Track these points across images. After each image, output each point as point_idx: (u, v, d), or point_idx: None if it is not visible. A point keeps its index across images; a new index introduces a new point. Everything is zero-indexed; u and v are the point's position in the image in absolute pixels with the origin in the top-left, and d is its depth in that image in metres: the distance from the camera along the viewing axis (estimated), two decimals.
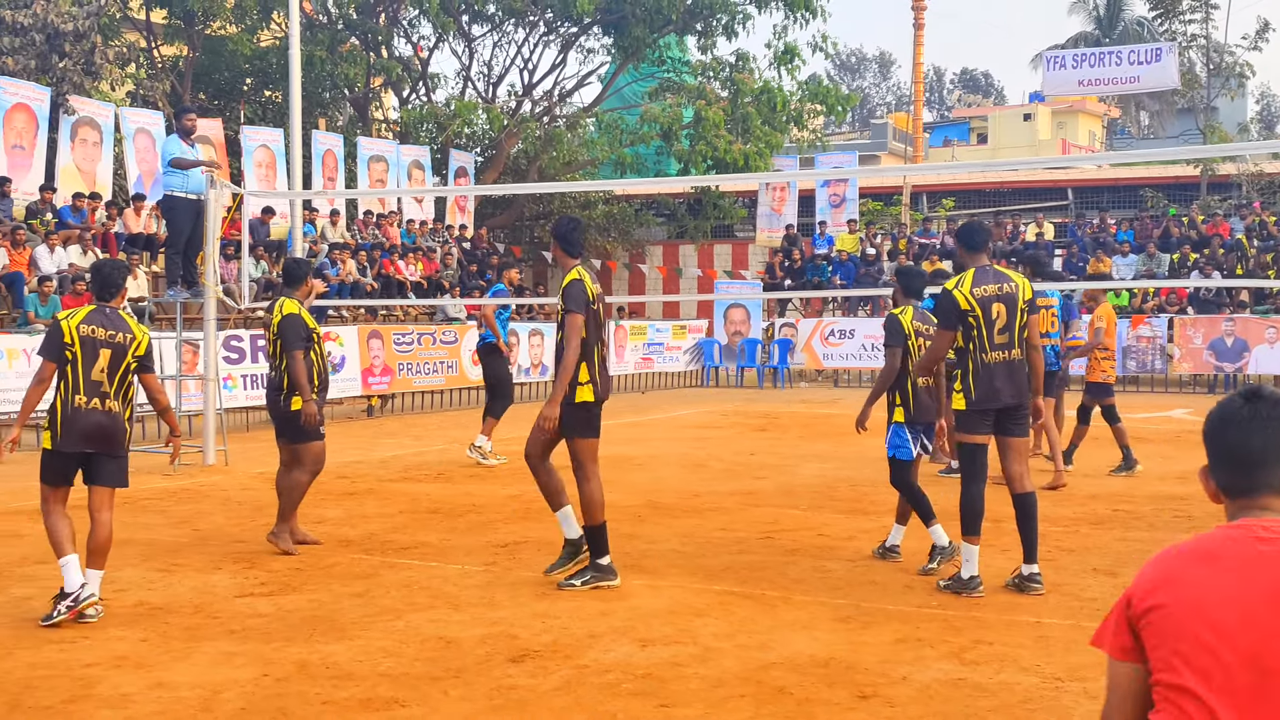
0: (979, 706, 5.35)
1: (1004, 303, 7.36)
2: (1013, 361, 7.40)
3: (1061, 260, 28.06)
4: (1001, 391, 7.35)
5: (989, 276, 7.45)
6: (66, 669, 5.94)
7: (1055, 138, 60.51)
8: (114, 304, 7.16)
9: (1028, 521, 7.54)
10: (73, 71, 21.49)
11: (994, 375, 7.36)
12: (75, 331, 6.95)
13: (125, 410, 7.06)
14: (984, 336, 7.34)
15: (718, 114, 31.38)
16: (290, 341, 8.83)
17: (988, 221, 30.23)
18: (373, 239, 25.48)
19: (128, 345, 7.02)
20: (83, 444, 6.94)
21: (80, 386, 6.91)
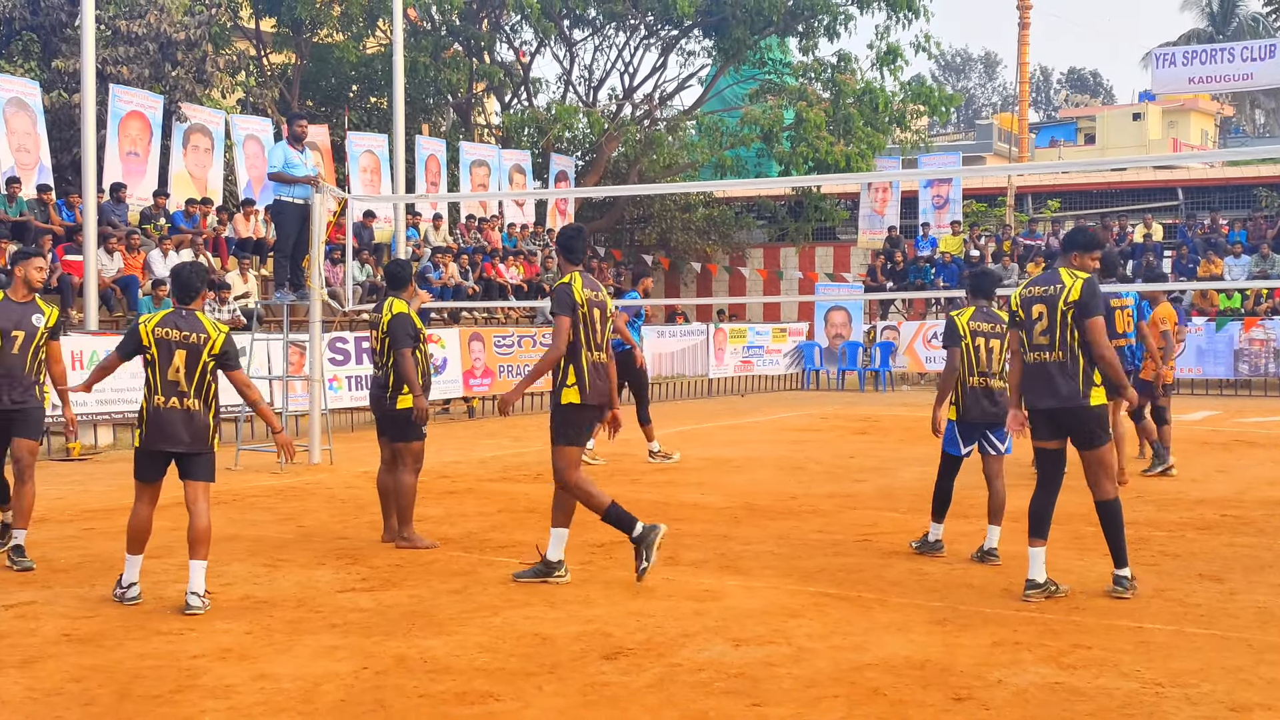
0: (1076, 711, 5.28)
1: (1045, 304, 7.29)
2: (1048, 363, 7.26)
3: (1171, 261, 27.51)
4: (1036, 393, 7.32)
5: (1042, 279, 7.46)
6: (174, 660, 6.10)
7: (1166, 137, 59.28)
8: (193, 306, 7.36)
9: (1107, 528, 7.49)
10: (185, 79, 22.03)
11: (1031, 376, 7.38)
12: (151, 334, 7.20)
13: (207, 409, 7.23)
14: (1025, 337, 7.39)
15: (819, 115, 31.23)
16: (400, 339, 8.98)
17: (1093, 224, 29.73)
18: (474, 243, 25.77)
19: (202, 345, 7.18)
20: (163, 442, 7.18)
21: (159, 387, 7.15)
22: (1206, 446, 15.46)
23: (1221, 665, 5.93)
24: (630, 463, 14.06)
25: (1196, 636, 6.45)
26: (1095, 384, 7.22)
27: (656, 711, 5.34)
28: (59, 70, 21.24)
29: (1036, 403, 7.33)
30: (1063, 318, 7.19)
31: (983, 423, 8.47)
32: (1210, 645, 6.28)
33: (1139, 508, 10.65)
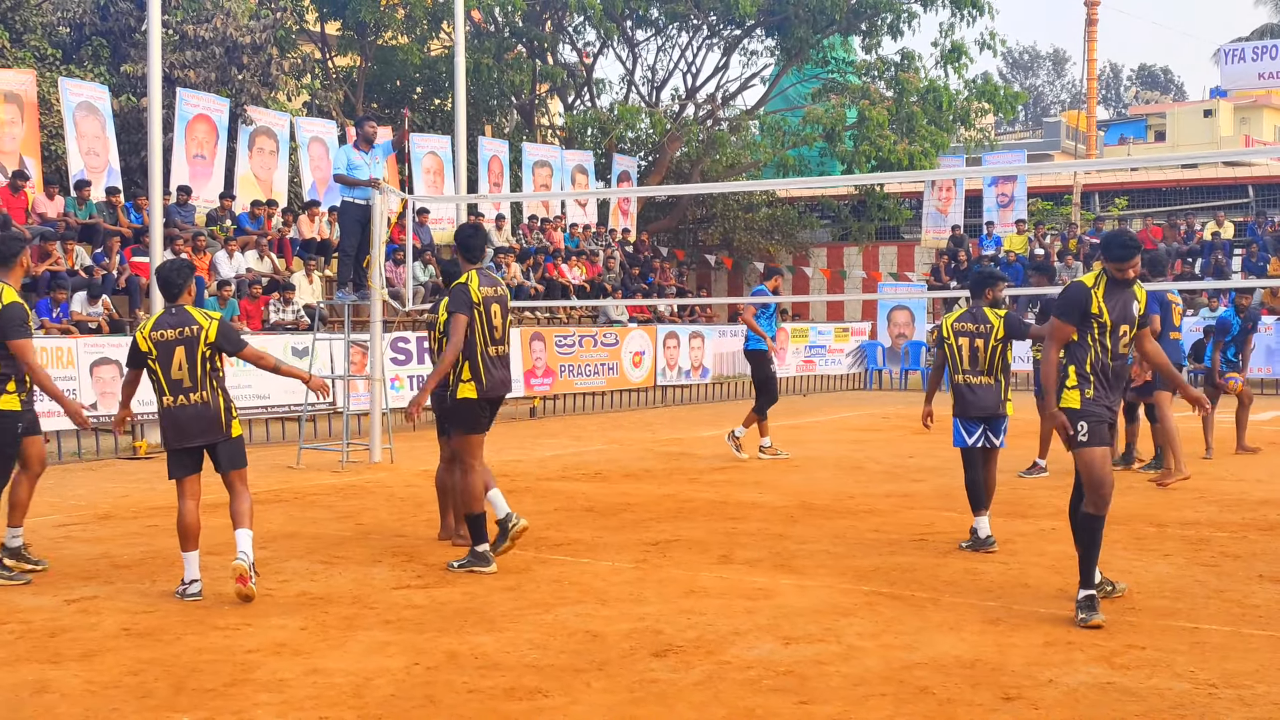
0: (1127, 711, 5.24)
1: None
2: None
3: (1240, 259, 27.08)
4: None
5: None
6: (229, 654, 6.20)
7: (1237, 134, 58.29)
8: (181, 301, 7.45)
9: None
10: (250, 83, 22.33)
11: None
12: (148, 338, 7.34)
13: (216, 396, 7.38)
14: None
15: (882, 114, 31.04)
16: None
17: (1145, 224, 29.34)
18: (537, 243, 25.89)
19: (197, 336, 7.30)
20: (183, 440, 7.39)
21: (165, 388, 7.33)
22: (1275, 447, 15.21)
23: (1278, 667, 5.85)
24: (689, 461, 14.07)
25: (1254, 638, 6.37)
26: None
27: (703, 709, 5.36)
28: (128, 74, 21.60)
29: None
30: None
31: (978, 416, 8.81)
32: (1268, 647, 6.20)
33: (1201, 508, 10.52)
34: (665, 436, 17.06)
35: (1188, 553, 8.61)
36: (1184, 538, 9.18)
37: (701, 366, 24.06)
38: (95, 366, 14.65)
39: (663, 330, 23.16)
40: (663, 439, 16.71)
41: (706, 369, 24.25)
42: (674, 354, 23.37)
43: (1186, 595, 7.33)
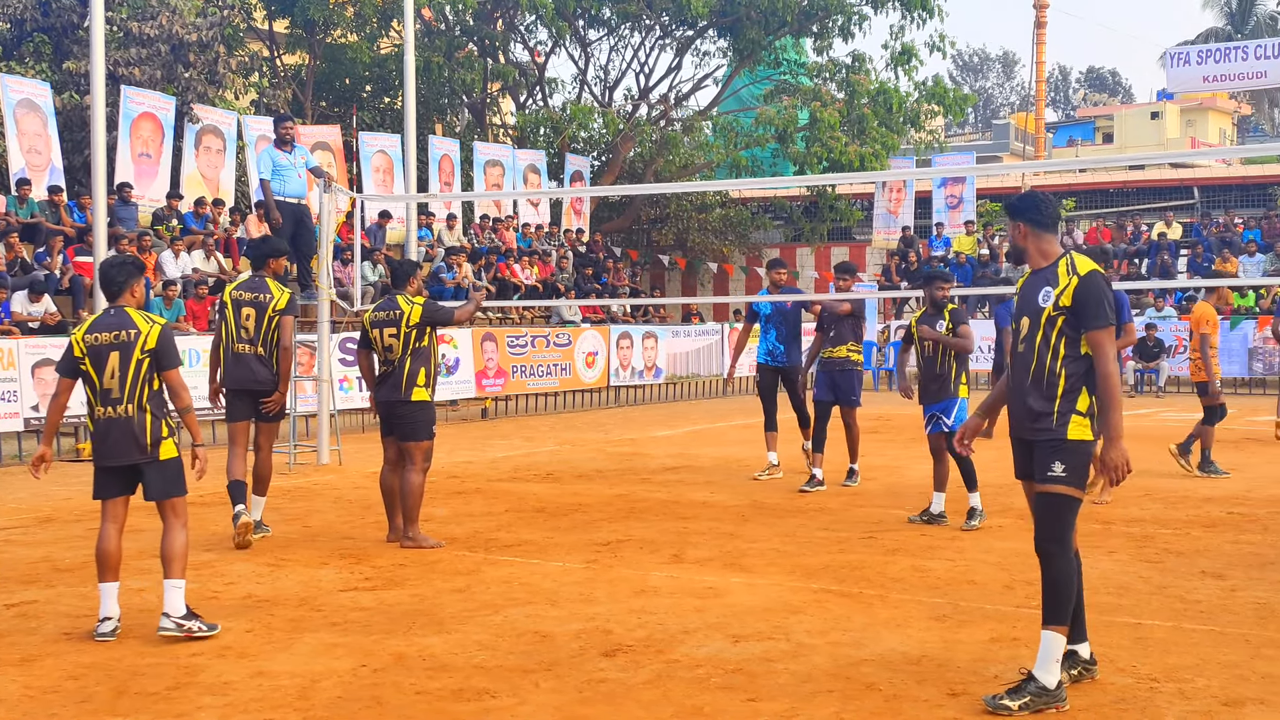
0: (1071, 706, 5.27)
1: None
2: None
3: (1186, 260, 27.42)
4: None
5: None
6: (172, 657, 6.13)
7: (1184, 136, 59.07)
8: (122, 302, 6.71)
9: None
10: (197, 81, 22.14)
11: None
12: (82, 343, 6.58)
13: (144, 412, 6.56)
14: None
15: (833, 116, 31.19)
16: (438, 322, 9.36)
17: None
18: (489, 243, 25.81)
19: (133, 342, 6.53)
20: (105, 456, 6.62)
21: (95, 397, 6.58)
22: (1218, 445, 15.36)
23: (1218, 661, 5.91)
24: (641, 462, 14.07)
25: (1194, 633, 6.43)
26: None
27: (652, 707, 5.35)
28: (70, 72, 21.36)
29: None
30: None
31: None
32: (1208, 641, 6.26)
33: (1147, 505, 10.64)
34: (618, 437, 17.05)
35: (1132, 549, 8.70)
36: (1129, 535, 9.27)
37: (655, 367, 24.08)
38: (37, 368, 14.45)
39: (616, 330, 23.16)
40: (615, 439, 16.70)
41: (660, 369, 24.28)
42: (627, 354, 23.37)
43: (1130, 591, 7.40)
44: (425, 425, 9.11)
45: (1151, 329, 24.32)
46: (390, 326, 9.06)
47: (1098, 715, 5.16)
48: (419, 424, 9.08)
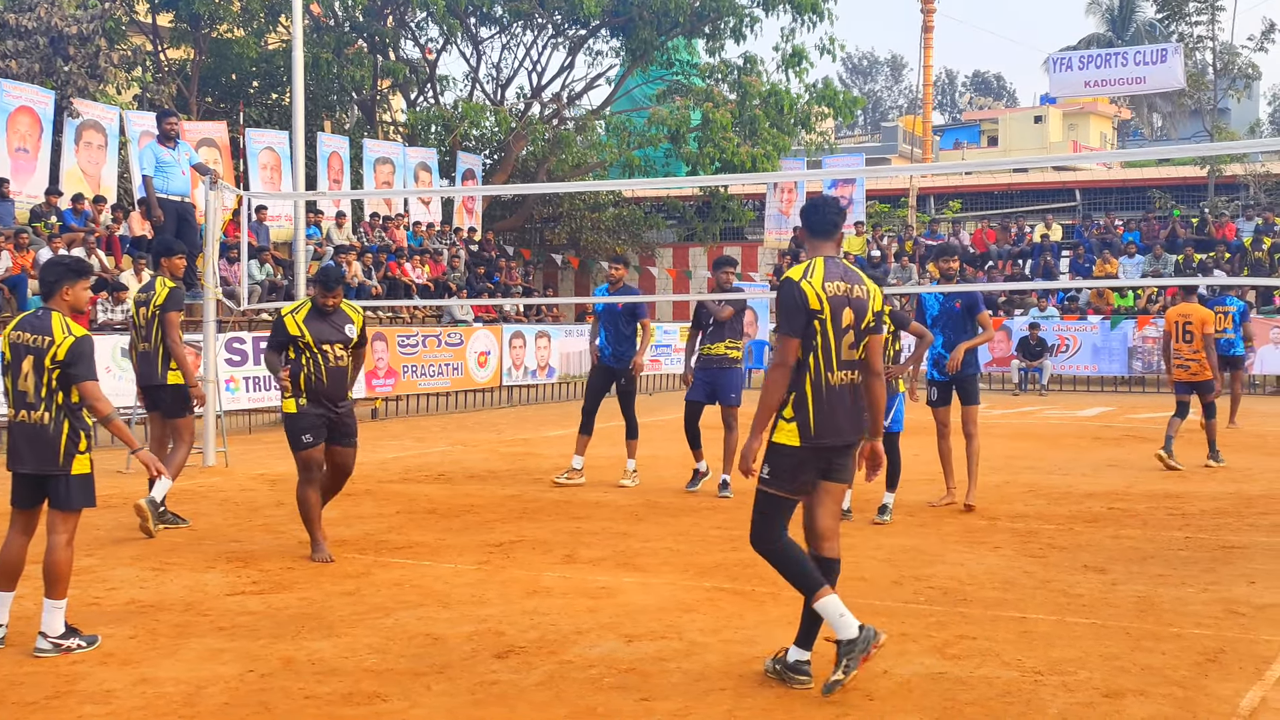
0: (957, 700, 5.36)
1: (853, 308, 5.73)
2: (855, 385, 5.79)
3: (1068, 261, 28.05)
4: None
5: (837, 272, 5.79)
6: (52, 666, 5.98)
7: (1066, 139, 60.43)
8: (53, 305, 6.52)
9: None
10: (77, 75, 21.57)
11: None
12: (7, 339, 6.43)
13: (59, 423, 6.31)
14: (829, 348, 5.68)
15: (725, 116, 31.40)
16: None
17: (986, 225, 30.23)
18: (379, 241, 25.54)
19: (45, 349, 6.29)
20: (18, 462, 6.37)
21: (10, 398, 6.39)
22: (1099, 441, 15.78)
23: (1099, 653, 6.06)
24: (534, 462, 14.03)
25: (1077, 626, 6.58)
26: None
27: (545, 708, 5.34)
28: None
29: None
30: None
31: None
32: (1090, 634, 6.41)
33: (1031, 501, 10.86)
34: (511, 437, 16.98)
35: (1016, 544, 8.87)
36: (1013, 530, 9.46)
37: (548, 366, 24.02)
38: None
39: (508, 330, 23.07)
40: (508, 439, 16.63)
41: (553, 369, 24.23)
42: (520, 354, 23.28)
43: (1015, 586, 7.55)
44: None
45: (1034, 328, 24.83)
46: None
47: (984, 710, 5.25)
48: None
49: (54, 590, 6.31)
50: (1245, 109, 51.28)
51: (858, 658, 5.41)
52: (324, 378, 8.47)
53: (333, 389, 8.54)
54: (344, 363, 8.58)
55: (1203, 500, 10.88)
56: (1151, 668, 5.80)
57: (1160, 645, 6.17)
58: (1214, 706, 5.24)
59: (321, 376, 8.47)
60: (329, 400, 8.55)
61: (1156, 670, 5.76)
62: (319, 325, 8.53)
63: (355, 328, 8.68)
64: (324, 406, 8.53)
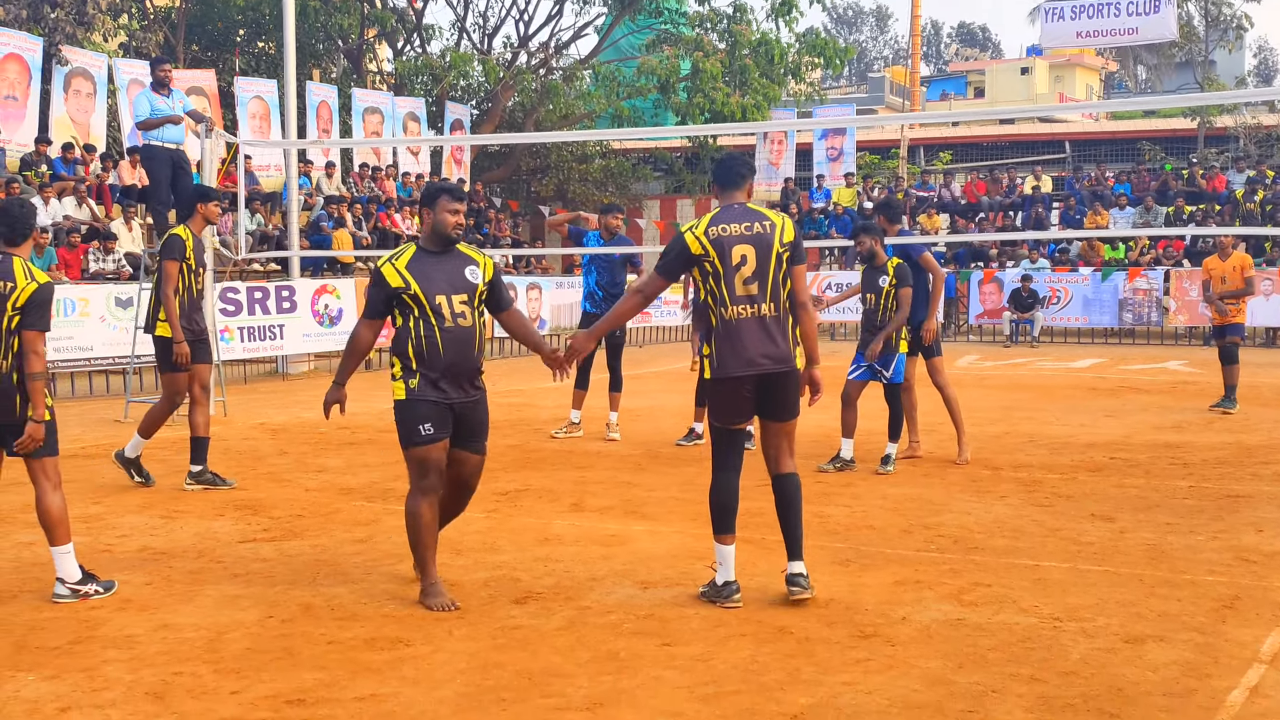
0: (979, 646, 5.40)
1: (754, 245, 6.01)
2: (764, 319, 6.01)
3: (1059, 213, 28.04)
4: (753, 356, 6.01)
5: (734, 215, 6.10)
6: (72, 611, 5.97)
7: (1052, 92, 60.31)
8: (18, 249, 6.28)
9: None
10: (65, 21, 21.32)
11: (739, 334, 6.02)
12: None
13: (20, 372, 6.13)
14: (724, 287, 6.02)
15: (715, 66, 31.21)
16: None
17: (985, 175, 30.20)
18: (369, 192, 25.40)
19: (7, 295, 6.09)
20: None
21: None
22: (1094, 392, 15.83)
23: (1116, 600, 6.10)
24: (532, 413, 14.02)
25: (1091, 573, 6.62)
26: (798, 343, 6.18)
27: (568, 653, 5.35)
28: None
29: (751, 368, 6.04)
30: (779, 262, 6.04)
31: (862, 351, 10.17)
32: (1104, 581, 6.45)
33: (1032, 452, 10.90)
34: (506, 388, 16.94)
35: (1022, 494, 8.92)
36: (1018, 479, 9.50)
37: (539, 318, 23.97)
38: None
39: None
40: (504, 390, 16.59)
41: (544, 320, 24.18)
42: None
43: (1025, 534, 7.59)
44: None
45: (1026, 280, 24.86)
46: None
47: (1006, 655, 5.29)
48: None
49: (54, 537, 6.28)
50: (1232, 62, 51.19)
51: (714, 598, 6.09)
52: (440, 345, 6.13)
53: (456, 360, 6.17)
54: (468, 321, 6.19)
55: (1203, 450, 10.93)
56: (1169, 614, 5.85)
57: (1176, 592, 6.22)
58: (1235, 651, 5.29)
59: (437, 344, 6.13)
60: (452, 378, 6.21)
61: (1174, 616, 5.81)
62: (429, 272, 6.22)
63: (481, 270, 6.32)
64: (446, 388, 6.22)
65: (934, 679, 4.98)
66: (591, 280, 12.29)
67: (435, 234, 6.27)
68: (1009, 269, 26.08)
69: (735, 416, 6.13)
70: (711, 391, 6.15)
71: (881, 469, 9.88)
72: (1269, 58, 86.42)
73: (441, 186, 6.36)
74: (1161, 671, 5.05)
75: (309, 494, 9.03)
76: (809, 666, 5.15)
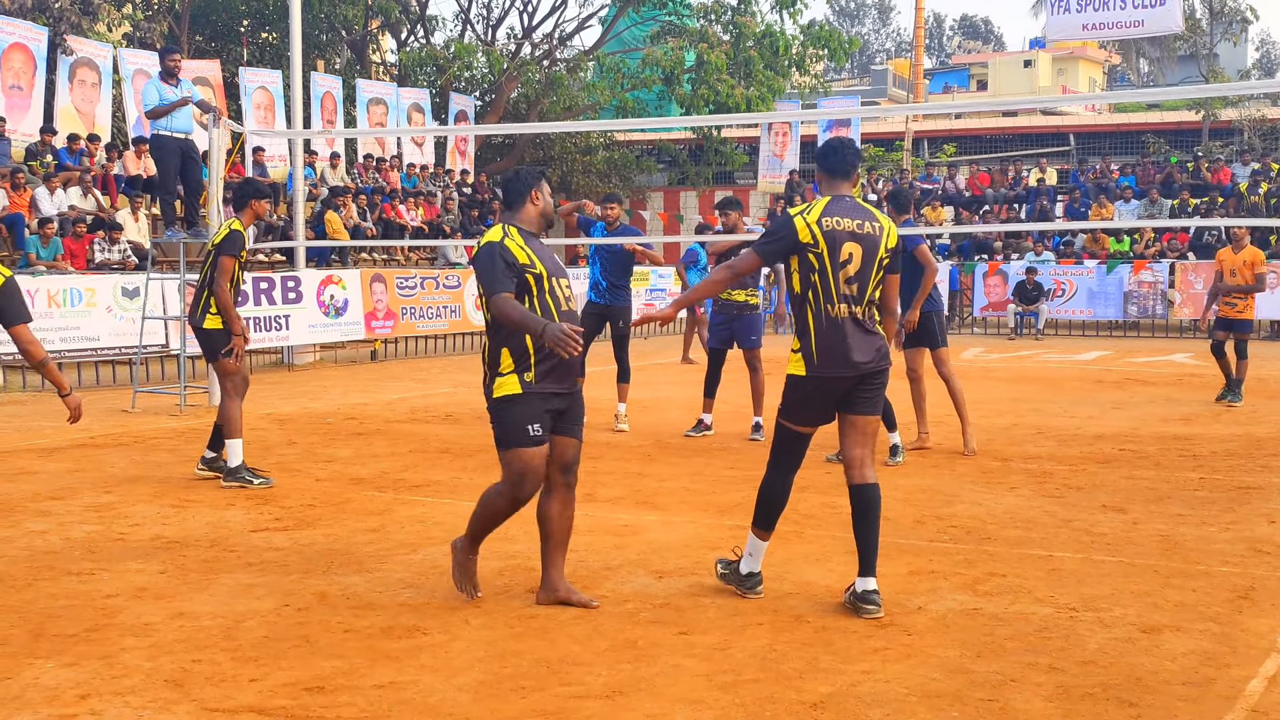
0: (996, 635, 5.40)
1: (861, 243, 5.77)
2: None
3: (1064, 205, 28.03)
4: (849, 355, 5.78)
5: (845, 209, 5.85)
6: (88, 599, 5.97)
7: (1055, 85, 60.27)
8: None
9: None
10: (70, 11, 21.32)
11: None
12: None
13: None
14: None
15: (720, 58, 31.18)
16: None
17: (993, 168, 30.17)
18: (373, 183, 25.38)
19: None
20: None
21: None
22: (1100, 385, 15.83)
23: (1131, 590, 6.10)
24: None
25: (1104, 564, 6.62)
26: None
27: (585, 641, 5.35)
28: None
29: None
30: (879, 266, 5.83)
31: None
32: (1119, 572, 6.45)
33: (1041, 443, 10.90)
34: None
35: (1033, 485, 8.92)
36: (1028, 471, 9.50)
37: None
38: None
39: None
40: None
41: None
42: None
43: (1037, 525, 7.59)
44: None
45: (1031, 273, 24.85)
46: None
47: (1023, 644, 5.28)
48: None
49: None
50: (1235, 55, 51.09)
51: (737, 586, 6.04)
52: None
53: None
54: (573, 304, 5.93)
55: (1212, 442, 10.93)
56: (1185, 604, 5.85)
57: (1191, 583, 6.22)
58: (1252, 642, 5.29)
59: None
60: (565, 367, 5.77)
61: (1190, 607, 5.80)
62: (542, 253, 5.85)
63: None
64: (561, 378, 5.78)
65: (952, 668, 4.98)
66: (596, 270, 12.22)
67: (543, 216, 5.98)
68: (1014, 261, 26.08)
69: (812, 419, 5.93)
70: (798, 389, 5.87)
71: (891, 460, 9.88)
72: (1271, 50, 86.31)
73: (539, 171, 6.06)
74: (1180, 661, 5.05)
75: (319, 484, 9.03)
76: (827, 655, 5.15)
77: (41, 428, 11.88)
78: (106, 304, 15.60)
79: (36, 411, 13.11)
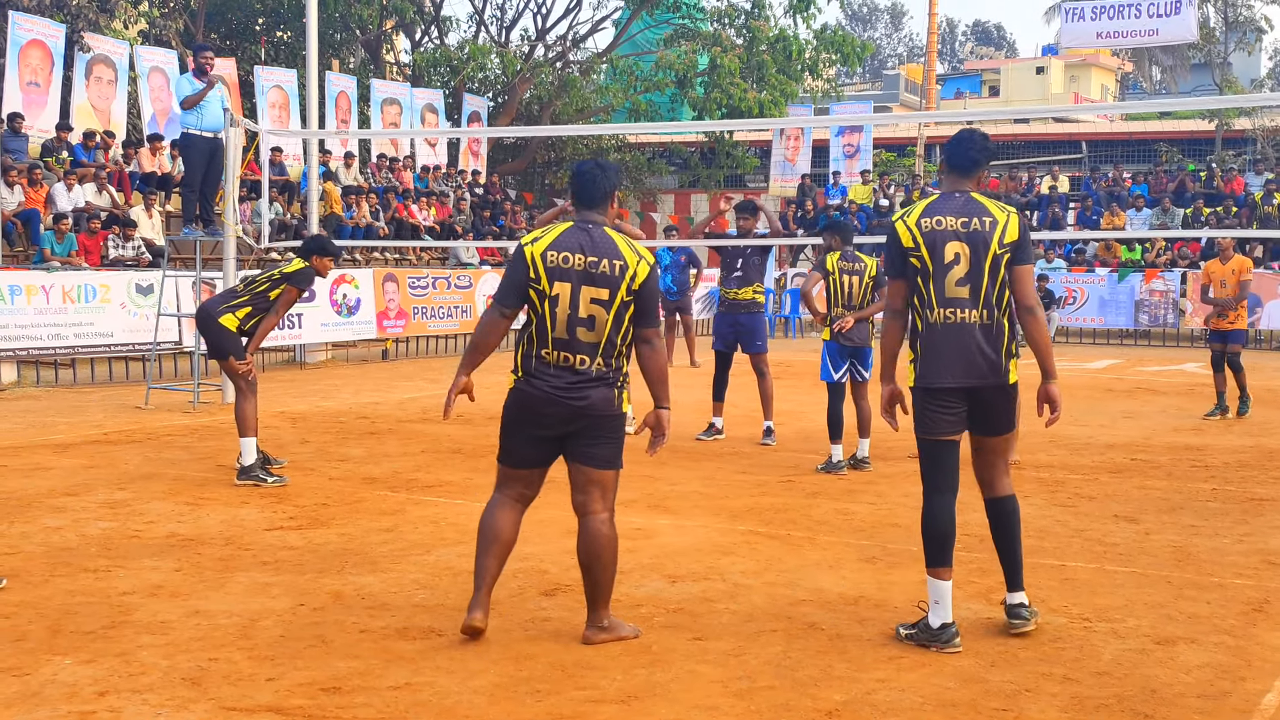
0: (1010, 644, 5.41)
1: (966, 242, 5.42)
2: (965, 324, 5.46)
3: (1075, 213, 28.00)
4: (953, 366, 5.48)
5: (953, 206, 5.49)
6: (104, 596, 6.00)
7: (1067, 91, 60.22)
8: None
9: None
10: (87, 8, 21.38)
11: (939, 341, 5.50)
12: None
13: None
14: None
15: (733, 62, 31.20)
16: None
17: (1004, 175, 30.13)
18: (386, 183, 25.42)
19: None
20: None
21: None
22: (1111, 394, 15.82)
23: (1144, 601, 6.10)
24: None
25: (1117, 574, 6.62)
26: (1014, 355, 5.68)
27: (599, 645, 5.36)
28: None
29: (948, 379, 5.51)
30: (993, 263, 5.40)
31: (849, 346, 9.95)
32: (1131, 582, 6.46)
33: (1053, 452, 10.89)
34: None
35: (1045, 494, 8.92)
36: (1040, 480, 9.50)
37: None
38: None
39: None
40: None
41: None
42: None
43: (1050, 534, 7.59)
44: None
45: (1042, 280, 24.81)
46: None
47: (1038, 654, 5.29)
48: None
49: None
50: (1249, 64, 51.10)
51: (926, 642, 5.36)
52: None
53: None
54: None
55: (1224, 453, 10.93)
56: (1199, 616, 5.85)
57: (1204, 595, 6.22)
58: (1267, 655, 5.29)
59: None
60: None
61: (1204, 619, 5.81)
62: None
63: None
64: None
65: (967, 677, 4.99)
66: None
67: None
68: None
69: (938, 429, 5.53)
70: (914, 399, 5.58)
71: (857, 467, 9.95)
72: None
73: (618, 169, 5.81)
74: (1194, 673, 5.05)
75: (333, 483, 9.06)
76: (841, 663, 5.17)
77: (55, 423, 11.93)
78: (120, 300, 15.65)
79: (50, 407, 13.16)
